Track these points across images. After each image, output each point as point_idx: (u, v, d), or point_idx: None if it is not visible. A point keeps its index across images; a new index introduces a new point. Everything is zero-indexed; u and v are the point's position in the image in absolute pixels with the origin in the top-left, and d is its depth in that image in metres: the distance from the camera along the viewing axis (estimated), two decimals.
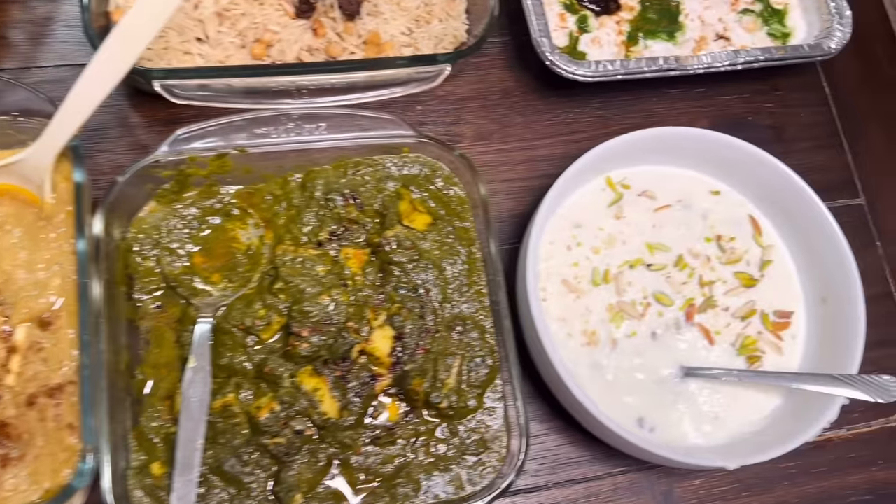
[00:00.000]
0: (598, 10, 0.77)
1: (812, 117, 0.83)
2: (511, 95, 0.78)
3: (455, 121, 0.77)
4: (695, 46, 0.78)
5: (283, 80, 0.67)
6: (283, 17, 0.71)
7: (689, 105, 0.80)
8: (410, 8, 0.74)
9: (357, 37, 0.72)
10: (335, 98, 0.68)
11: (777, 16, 0.81)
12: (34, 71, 0.70)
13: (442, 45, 0.74)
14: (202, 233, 0.66)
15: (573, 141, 0.78)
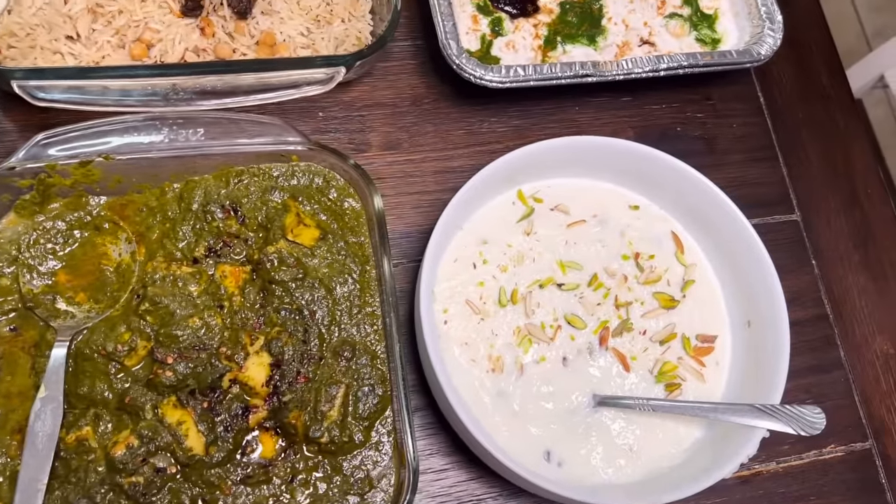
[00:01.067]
0: (514, 12, 0.73)
1: (746, 128, 0.78)
2: (422, 103, 0.73)
3: (360, 128, 0.71)
4: (617, 52, 0.73)
5: (160, 81, 0.61)
6: (168, 14, 0.65)
7: (614, 114, 0.76)
8: (310, 7, 0.69)
9: (249, 37, 0.67)
10: (220, 101, 0.63)
11: (706, 20, 0.77)
12: None
13: (343, 47, 0.69)
14: (68, 248, 0.60)
15: (488, 152, 0.73)
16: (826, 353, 0.72)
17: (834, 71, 0.82)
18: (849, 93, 0.81)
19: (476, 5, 0.72)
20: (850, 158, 0.79)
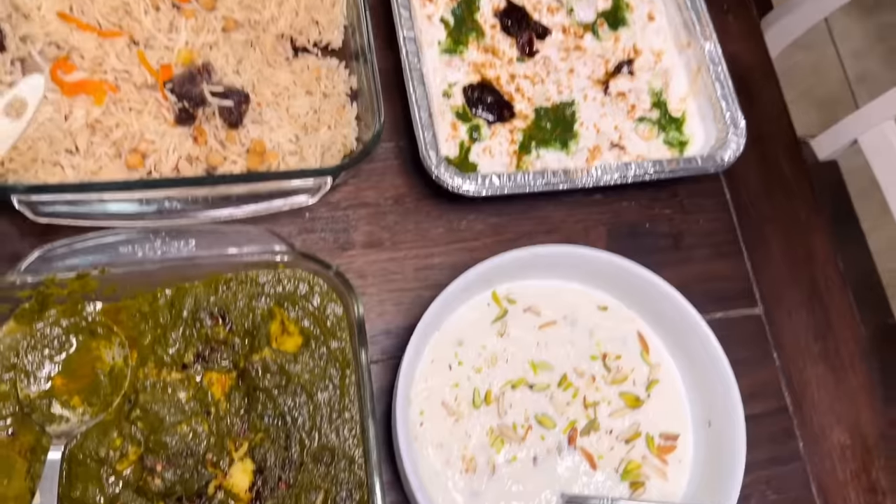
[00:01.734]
0: (491, 118, 0.77)
1: (711, 224, 0.82)
2: (403, 202, 0.77)
3: (344, 227, 0.75)
4: (588, 156, 0.77)
5: (155, 194, 0.65)
6: (163, 124, 0.69)
7: (586, 212, 0.80)
8: (299, 115, 0.73)
9: (240, 144, 0.71)
10: (212, 213, 0.66)
11: (675, 123, 0.81)
12: None
13: (329, 153, 0.73)
14: (64, 353, 0.63)
15: (467, 249, 0.76)
16: (785, 445, 0.75)
17: (796, 165, 0.86)
18: (810, 186, 0.86)
19: (455, 113, 0.76)
20: (811, 251, 0.83)
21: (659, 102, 0.81)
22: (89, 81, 0.67)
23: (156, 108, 0.69)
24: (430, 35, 0.79)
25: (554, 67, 0.80)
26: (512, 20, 0.81)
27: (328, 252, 0.74)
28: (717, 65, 0.79)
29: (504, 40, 0.80)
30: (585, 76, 0.81)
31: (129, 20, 0.70)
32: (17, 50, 0.68)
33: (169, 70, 0.69)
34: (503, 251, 0.73)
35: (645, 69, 0.82)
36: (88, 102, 0.67)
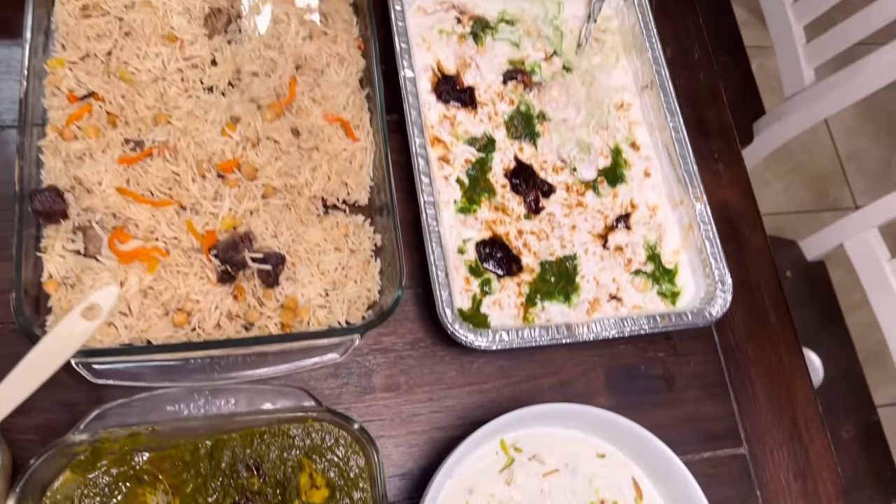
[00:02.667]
0: (500, 273, 0.85)
1: (701, 366, 0.89)
2: (419, 346, 0.84)
3: (366, 372, 0.82)
4: (588, 307, 0.85)
5: (199, 354, 0.73)
6: (206, 284, 0.77)
7: (586, 355, 0.87)
8: (329, 271, 0.80)
9: (275, 301, 0.78)
10: (249, 372, 0.74)
11: (667, 275, 0.89)
12: None
13: (355, 306, 0.80)
14: (113, 499, 0.70)
15: (477, 391, 0.83)
16: None
17: (780, 311, 0.94)
18: (793, 331, 0.93)
19: (469, 267, 0.84)
20: (792, 393, 0.90)
21: (653, 255, 0.89)
22: (143, 250, 0.74)
23: (200, 270, 0.77)
24: (447, 195, 0.87)
25: (558, 223, 0.88)
26: (520, 179, 0.89)
27: (351, 396, 0.81)
28: (707, 224, 0.87)
29: (513, 199, 0.88)
30: (586, 231, 0.89)
31: (179, 189, 0.78)
32: (79, 218, 0.76)
33: (213, 236, 0.77)
34: (511, 392, 0.81)
35: (641, 223, 0.90)
36: (142, 270, 0.74)
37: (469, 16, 0.97)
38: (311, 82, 0.87)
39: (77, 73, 0.81)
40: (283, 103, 0.84)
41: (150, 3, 0.85)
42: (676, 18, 1.07)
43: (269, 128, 0.81)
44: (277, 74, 0.86)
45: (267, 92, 0.85)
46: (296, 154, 0.83)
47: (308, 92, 0.86)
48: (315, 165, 0.83)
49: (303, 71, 0.88)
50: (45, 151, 0.78)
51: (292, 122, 0.82)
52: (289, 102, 0.85)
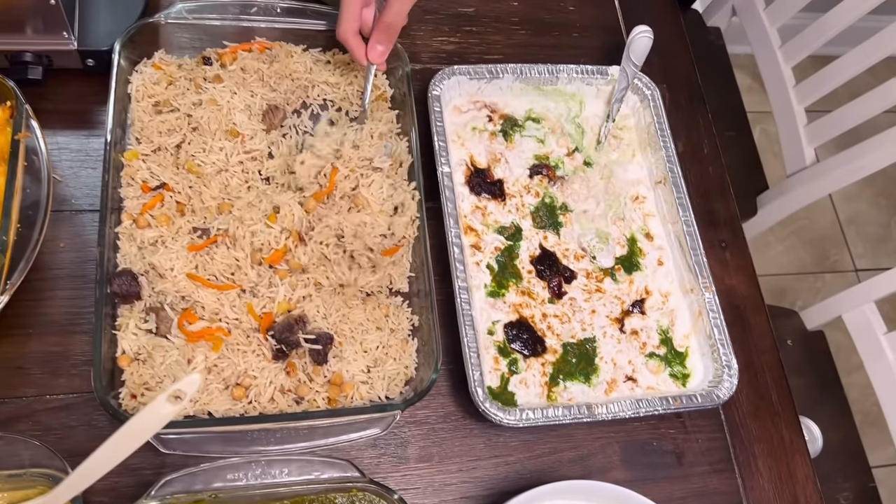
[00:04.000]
0: (526, 353, 0.93)
1: (708, 443, 0.97)
2: (451, 419, 0.92)
3: (402, 443, 0.90)
4: (607, 388, 0.93)
5: (256, 427, 0.80)
6: (262, 361, 0.85)
7: (603, 431, 0.94)
8: (371, 350, 0.88)
9: (323, 377, 0.86)
10: (300, 444, 0.82)
11: (679, 358, 0.96)
12: (48, 398, 0.83)
13: (394, 383, 0.88)
14: None
15: (503, 463, 0.91)
16: None
17: (782, 391, 1.01)
18: (794, 410, 1.01)
19: (497, 348, 0.92)
20: (792, 470, 0.97)
21: (666, 339, 0.97)
22: (209, 330, 0.83)
23: (258, 348, 0.85)
24: (478, 279, 0.95)
25: (579, 307, 0.96)
26: (545, 266, 0.98)
27: (388, 466, 0.88)
28: (715, 313, 0.96)
29: (538, 284, 0.97)
30: (605, 315, 0.97)
31: (240, 273, 0.87)
32: (151, 300, 0.84)
33: (270, 317, 0.85)
34: (534, 465, 0.89)
35: (654, 308, 0.99)
36: (207, 348, 0.82)
37: (499, 114, 1.06)
38: (356, 176, 0.95)
39: (150, 164, 0.91)
40: (324, 193, 0.92)
41: (216, 101, 0.95)
42: (688, 114, 1.17)
43: (316, 235, 0.89)
44: (321, 165, 0.95)
45: (309, 182, 0.94)
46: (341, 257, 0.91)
47: (350, 183, 0.94)
48: (360, 265, 0.91)
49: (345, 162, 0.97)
50: (121, 237, 0.86)
51: (338, 223, 0.90)
52: (329, 192, 0.92)
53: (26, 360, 0.85)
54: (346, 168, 0.92)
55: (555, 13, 1.02)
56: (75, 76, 0.98)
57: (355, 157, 0.93)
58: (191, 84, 0.96)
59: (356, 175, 0.93)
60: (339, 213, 0.91)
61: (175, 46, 0.99)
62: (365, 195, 0.91)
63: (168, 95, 0.95)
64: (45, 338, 0.86)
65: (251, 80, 0.99)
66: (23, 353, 0.85)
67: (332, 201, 0.91)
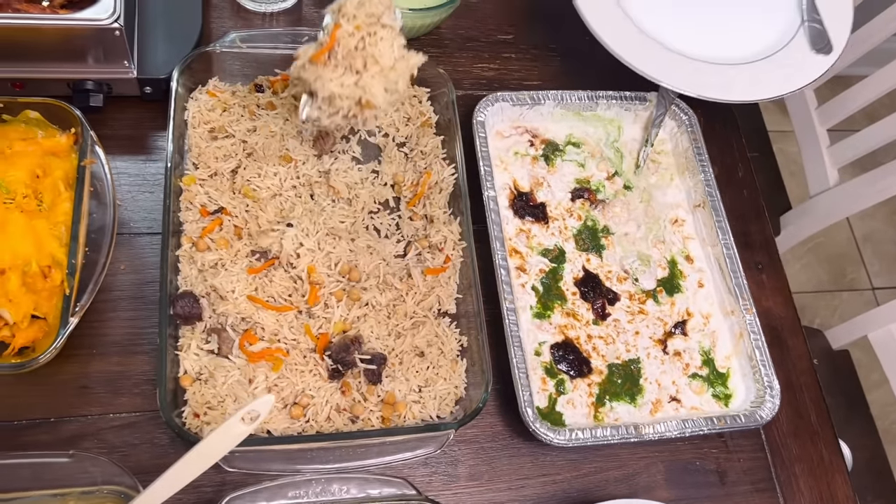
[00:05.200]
0: (572, 374, 0.95)
1: (750, 462, 0.98)
2: (499, 439, 0.94)
3: (452, 461, 0.92)
4: (651, 408, 0.95)
5: (313, 445, 0.83)
6: (319, 380, 0.87)
7: (648, 451, 0.96)
8: (422, 370, 0.90)
9: (377, 396, 0.88)
10: (358, 463, 0.84)
11: (721, 379, 0.98)
12: (111, 417, 0.86)
13: (445, 402, 0.90)
14: None
15: (551, 482, 0.93)
16: None
17: (820, 411, 1.03)
18: (832, 430, 1.02)
19: (544, 368, 0.94)
20: (833, 489, 0.99)
21: (708, 360, 0.99)
22: (268, 351, 0.85)
23: (314, 368, 0.87)
24: (524, 301, 0.97)
25: (623, 329, 0.99)
26: (588, 288, 1.00)
27: (440, 484, 0.90)
28: (756, 335, 0.98)
29: (582, 305, 0.99)
30: (648, 336, 0.99)
31: (297, 296, 0.89)
32: (211, 321, 0.87)
33: (326, 338, 0.88)
34: (581, 484, 0.91)
35: (696, 330, 1.01)
36: (267, 368, 0.85)
37: (540, 139, 1.09)
38: (362, 34, 0.87)
39: (207, 189, 0.93)
40: (323, 51, 0.86)
41: (270, 128, 0.98)
42: (722, 139, 1.19)
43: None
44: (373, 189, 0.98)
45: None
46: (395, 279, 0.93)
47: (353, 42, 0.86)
48: (413, 286, 0.93)
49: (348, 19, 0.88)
50: (181, 260, 0.89)
51: (339, 86, 0.86)
52: (329, 48, 0.85)
53: (90, 380, 0.87)
54: (349, 25, 0.85)
55: (592, 41, 1.05)
56: (133, 103, 1.01)
57: (361, 13, 0.86)
58: (244, 111, 0.99)
59: (362, 33, 0.86)
60: (343, 75, 0.86)
61: (228, 74, 1.02)
62: (372, 52, 0.86)
63: (223, 122, 0.98)
64: (108, 358, 0.88)
65: None
66: (87, 372, 0.87)
67: (335, 61, 0.86)
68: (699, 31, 1.09)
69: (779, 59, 1.07)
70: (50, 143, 0.89)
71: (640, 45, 1.04)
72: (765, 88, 1.05)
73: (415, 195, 1.00)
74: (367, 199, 0.98)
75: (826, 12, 1.10)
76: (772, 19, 1.12)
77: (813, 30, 1.08)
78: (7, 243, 0.82)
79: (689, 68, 1.04)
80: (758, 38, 1.10)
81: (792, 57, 1.07)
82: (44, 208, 0.86)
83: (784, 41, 1.08)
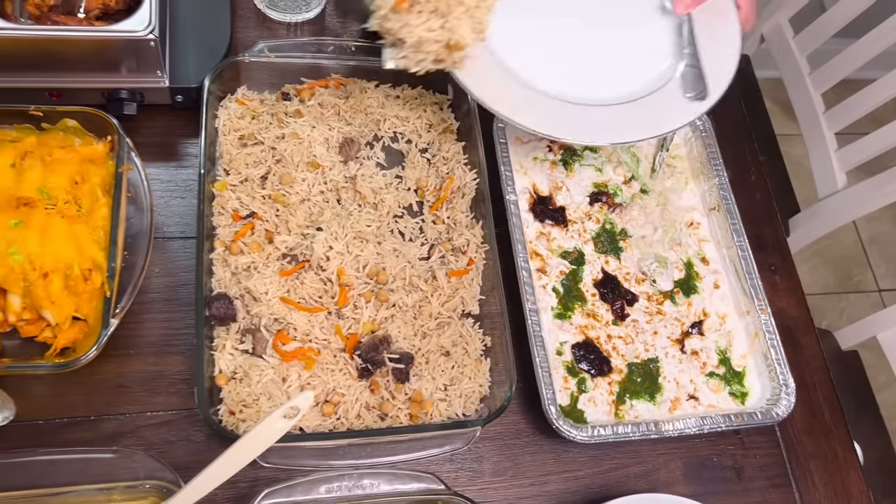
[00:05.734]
0: (593, 372, 0.97)
1: (766, 459, 1.01)
2: (522, 436, 0.97)
3: (477, 458, 0.95)
4: (670, 406, 0.97)
5: (343, 442, 0.86)
6: (349, 379, 0.90)
7: (667, 447, 0.99)
8: (447, 369, 0.93)
9: (404, 395, 0.91)
10: (384, 459, 0.86)
11: (737, 377, 1.01)
12: (149, 415, 0.89)
13: (470, 400, 0.93)
14: None
15: (573, 478, 0.95)
16: None
17: (834, 409, 1.06)
18: (846, 427, 1.05)
19: (566, 367, 0.97)
20: (847, 485, 1.02)
21: (724, 359, 1.02)
22: (301, 350, 0.88)
23: (344, 367, 0.90)
24: (545, 302, 1.00)
25: (641, 329, 1.01)
26: (607, 289, 1.03)
27: (465, 480, 0.93)
28: (771, 334, 1.00)
29: (602, 306, 1.02)
30: (666, 336, 1.02)
31: (327, 297, 0.92)
32: (245, 322, 0.90)
33: (355, 338, 0.91)
34: (602, 480, 0.94)
35: (712, 330, 1.03)
36: (300, 367, 0.88)
37: (558, 144, 1.12)
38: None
39: (239, 194, 0.96)
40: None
41: (297, 135, 1.01)
42: (735, 143, 1.22)
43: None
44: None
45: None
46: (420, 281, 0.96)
47: None
48: (438, 288, 0.97)
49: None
50: (215, 263, 0.92)
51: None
52: None
53: (127, 379, 0.90)
54: None
55: None
56: (163, 111, 1.04)
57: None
58: (273, 118, 1.02)
59: None
60: (428, 20, 0.89)
61: (255, 82, 1.05)
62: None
63: (252, 129, 1.01)
64: (144, 358, 0.91)
65: (328, 114, 1.05)
66: (124, 372, 0.90)
67: (418, 7, 0.89)
68: (569, 72, 1.01)
69: (647, 102, 1.00)
70: (87, 150, 0.92)
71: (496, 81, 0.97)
72: (628, 132, 0.97)
73: (438, 199, 1.03)
74: (392, 203, 1.01)
75: (708, 59, 1.02)
76: (650, 63, 1.04)
77: (691, 74, 1.01)
78: (50, 247, 0.85)
79: (545, 106, 0.97)
80: (631, 80, 1.02)
81: (661, 101, 0.99)
82: (82, 213, 0.89)
83: (658, 85, 1.01)
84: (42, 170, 0.89)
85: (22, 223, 0.85)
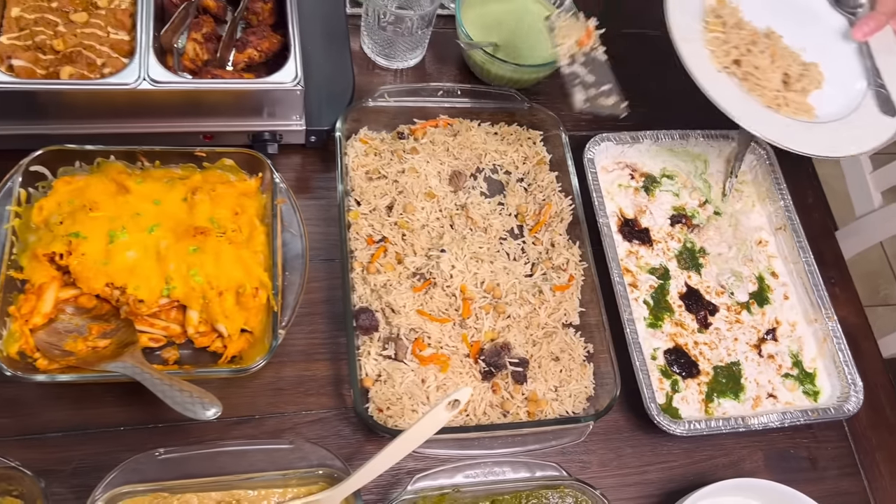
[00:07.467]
0: (683, 374, 1.10)
1: (837, 450, 1.13)
2: (623, 431, 1.09)
3: (585, 451, 1.07)
4: (753, 403, 1.10)
5: (479, 435, 0.99)
6: (474, 381, 1.03)
7: (749, 440, 1.11)
8: (556, 372, 1.06)
9: (521, 395, 1.04)
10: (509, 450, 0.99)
11: (809, 378, 1.14)
12: (304, 414, 1.02)
13: (577, 401, 1.06)
14: None
15: (668, 468, 1.08)
16: None
17: (894, 407, 1.18)
18: None
19: (660, 370, 1.10)
20: None
21: (797, 362, 1.14)
22: (436, 355, 1.01)
23: (470, 370, 1.03)
24: (638, 313, 1.13)
25: (723, 336, 1.14)
26: (691, 301, 1.16)
27: (575, 470, 1.05)
28: (838, 339, 1.13)
29: (687, 316, 1.15)
30: (745, 342, 1.15)
31: (451, 310, 1.06)
32: (385, 331, 1.03)
33: (478, 345, 1.04)
34: (695, 470, 1.06)
35: (785, 336, 1.16)
36: (436, 370, 1.01)
37: (639, 173, 1.26)
38: None
39: (370, 222, 1.11)
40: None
41: (416, 170, 1.15)
42: (795, 166, 1.35)
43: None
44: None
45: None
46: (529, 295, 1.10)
47: None
48: (545, 301, 1.10)
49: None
50: (355, 281, 1.06)
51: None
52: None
53: (283, 383, 1.03)
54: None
55: (668, 84, 1.20)
56: (296, 150, 1.18)
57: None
58: (393, 155, 1.17)
59: None
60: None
61: (374, 123, 1.20)
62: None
63: (377, 165, 1.15)
64: (296, 364, 1.05)
65: (439, 150, 1.19)
66: (281, 376, 1.04)
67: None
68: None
69: (852, 120, 1.17)
70: (243, 185, 1.07)
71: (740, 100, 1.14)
72: (843, 147, 1.14)
73: (537, 223, 1.16)
74: (498, 227, 1.15)
75: (888, 77, 1.21)
76: (841, 84, 1.21)
77: (879, 94, 1.19)
78: (223, 269, 0.98)
79: (781, 123, 1.14)
80: (831, 101, 1.19)
81: (862, 119, 1.17)
82: (244, 240, 1.03)
83: (853, 105, 1.19)
84: (210, 203, 1.03)
85: (199, 249, 0.98)
